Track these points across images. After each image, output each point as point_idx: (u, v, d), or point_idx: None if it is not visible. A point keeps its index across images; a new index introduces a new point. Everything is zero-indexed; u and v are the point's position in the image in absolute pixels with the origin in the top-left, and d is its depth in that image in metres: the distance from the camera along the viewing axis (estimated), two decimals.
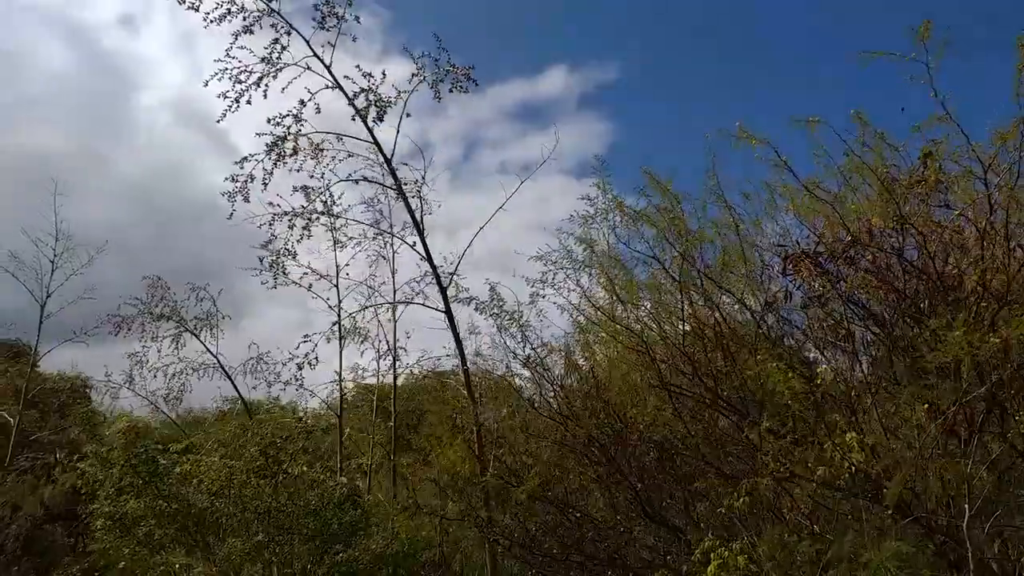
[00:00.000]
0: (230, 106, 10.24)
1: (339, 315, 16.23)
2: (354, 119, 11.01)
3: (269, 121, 10.50)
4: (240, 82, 10.33)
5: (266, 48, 10.23)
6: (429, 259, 12.66)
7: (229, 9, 9.76)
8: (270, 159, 10.51)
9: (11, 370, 33.68)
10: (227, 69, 10.29)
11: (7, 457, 20.15)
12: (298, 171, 11.55)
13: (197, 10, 9.59)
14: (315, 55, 10.76)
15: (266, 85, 10.46)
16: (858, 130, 8.55)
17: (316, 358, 13.46)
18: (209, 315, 19.04)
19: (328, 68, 10.87)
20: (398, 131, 11.72)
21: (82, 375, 34.63)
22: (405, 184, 12.08)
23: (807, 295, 11.43)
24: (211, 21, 9.80)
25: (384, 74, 11.03)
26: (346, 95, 11.02)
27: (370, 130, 11.36)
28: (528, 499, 12.46)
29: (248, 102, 10.34)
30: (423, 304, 13.77)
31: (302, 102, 10.62)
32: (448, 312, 12.66)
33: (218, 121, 10.27)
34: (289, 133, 10.59)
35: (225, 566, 11.90)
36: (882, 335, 11.05)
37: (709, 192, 10.52)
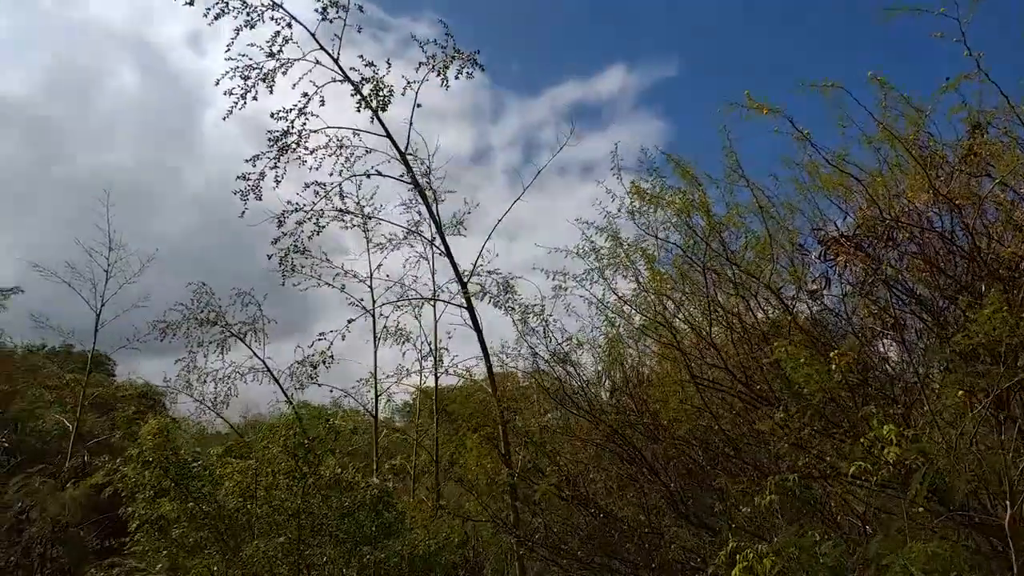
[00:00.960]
0: (236, 102, 10.22)
1: (374, 316, 16.12)
2: (360, 110, 10.86)
3: (273, 116, 10.46)
4: (246, 78, 10.30)
5: (267, 42, 10.17)
6: (448, 253, 12.44)
7: (227, 4, 9.68)
8: (275, 155, 10.45)
9: (83, 379, 35.13)
10: (238, 68, 10.27)
11: (67, 461, 20.79)
12: (317, 168, 11.47)
13: (192, 3, 9.55)
14: (321, 47, 10.66)
15: (272, 81, 10.41)
16: (880, 96, 7.84)
17: (331, 356, 13.30)
18: (255, 319, 19.16)
19: (336, 60, 10.77)
20: (411, 123, 11.55)
21: (149, 383, 35.67)
22: (421, 177, 11.89)
23: (848, 281, 10.76)
24: (213, 18, 9.76)
25: (389, 63, 10.89)
26: (356, 87, 10.86)
27: (382, 122, 11.22)
28: (559, 499, 12.08)
29: (255, 98, 10.31)
30: (447, 301, 13.54)
31: (305, 95, 10.54)
32: (470, 308, 12.41)
33: (224, 119, 10.28)
34: (292, 127, 10.52)
35: (249, 569, 11.83)
36: (931, 322, 10.29)
37: (731, 172, 9.94)
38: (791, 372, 7.55)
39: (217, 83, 10.19)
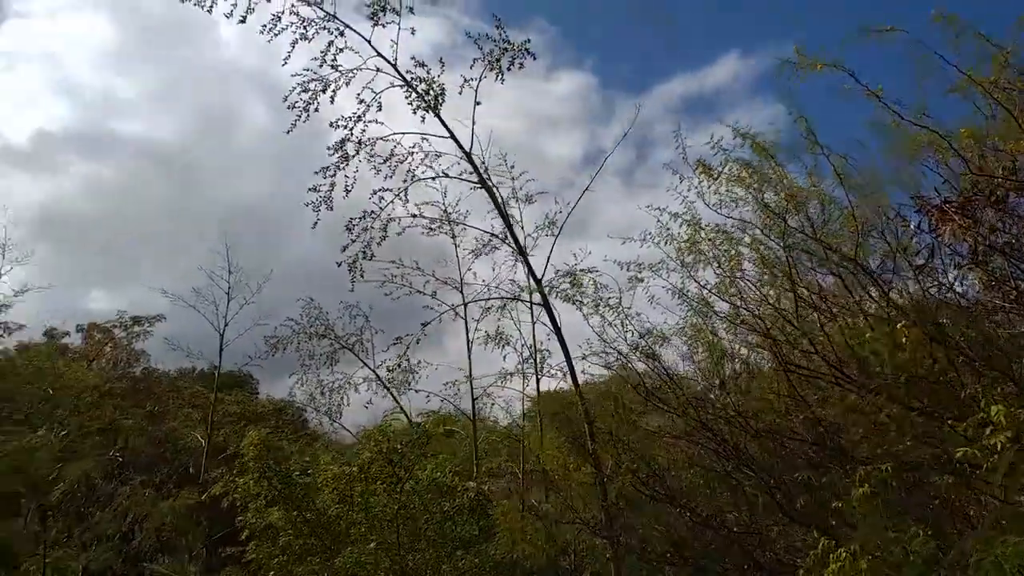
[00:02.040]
0: (299, 116, 10.44)
1: (466, 320, 16.14)
2: (415, 111, 10.85)
3: (331, 125, 10.61)
4: (307, 90, 10.51)
5: (322, 52, 10.34)
6: (521, 251, 12.22)
7: (278, 19, 9.90)
8: (335, 164, 10.61)
9: (227, 397, 37.32)
10: (304, 83, 10.49)
11: (200, 474, 22.04)
12: (391, 176, 11.56)
13: (244, 21, 9.82)
14: (379, 54, 10.74)
15: (334, 92, 10.58)
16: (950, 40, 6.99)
17: (407, 360, 13.40)
18: (361, 331, 19.63)
19: (394, 65, 10.81)
20: (473, 122, 11.44)
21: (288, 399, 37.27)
22: (488, 176, 11.76)
23: (957, 252, 9.77)
24: (272, 34, 9.99)
25: (442, 62, 10.83)
26: (416, 91, 10.87)
27: (443, 123, 11.19)
28: (649, 499, 11.59)
29: (316, 110, 10.51)
30: (525, 300, 13.31)
31: (362, 102, 10.62)
32: (546, 305, 12.14)
33: (287, 132, 10.51)
34: (352, 135, 10.63)
35: (346, 573, 12.02)
36: None
37: (809, 142, 9.18)
38: (857, 348, 6.83)
39: (284, 100, 10.50)
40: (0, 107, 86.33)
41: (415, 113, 10.77)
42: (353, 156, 10.68)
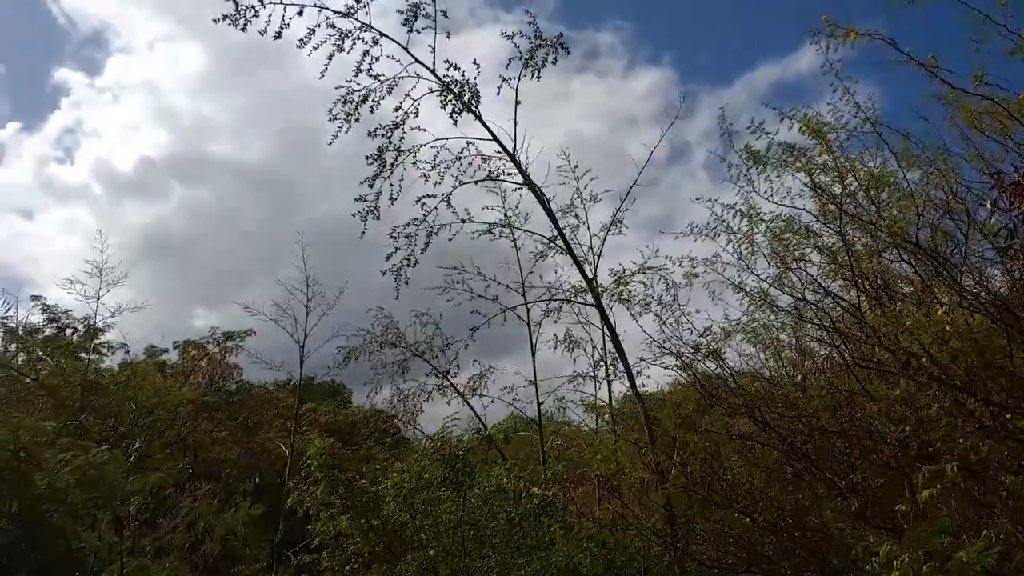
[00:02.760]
0: (340, 127, 10.52)
1: (529, 324, 15.98)
2: (452, 116, 10.74)
3: (370, 135, 10.61)
4: (349, 102, 10.57)
5: (357, 62, 10.36)
6: (570, 251, 11.97)
7: (312, 32, 10.00)
8: (375, 173, 10.61)
9: (319, 407, 38.33)
10: (347, 93, 10.56)
11: (285, 483, 22.62)
12: (439, 183, 11.51)
13: (280, 36, 9.90)
14: (417, 60, 10.70)
15: (375, 101, 10.61)
16: None
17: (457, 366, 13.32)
18: (432, 338, 19.73)
19: (432, 71, 10.75)
20: (515, 122, 11.26)
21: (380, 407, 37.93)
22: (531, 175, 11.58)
23: None
24: (311, 47, 10.09)
25: (477, 63, 10.70)
26: (458, 97, 10.76)
27: (485, 124, 11.08)
28: (712, 504, 11.13)
29: (356, 119, 10.55)
30: (578, 301, 13.05)
31: (398, 109, 10.58)
32: (599, 306, 11.84)
33: (329, 144, 10.60)
34: (390, 144, 10.61)
35: None
36: None
37: (866, 120, 8.60)
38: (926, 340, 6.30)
39: (330, 112, 10.60)
40: (108, 138, 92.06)
41: (451, 117, 10.70)
42: (394, 165, 10.69)
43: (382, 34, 10.45)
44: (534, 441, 18.03)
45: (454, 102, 10.68)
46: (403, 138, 10.71)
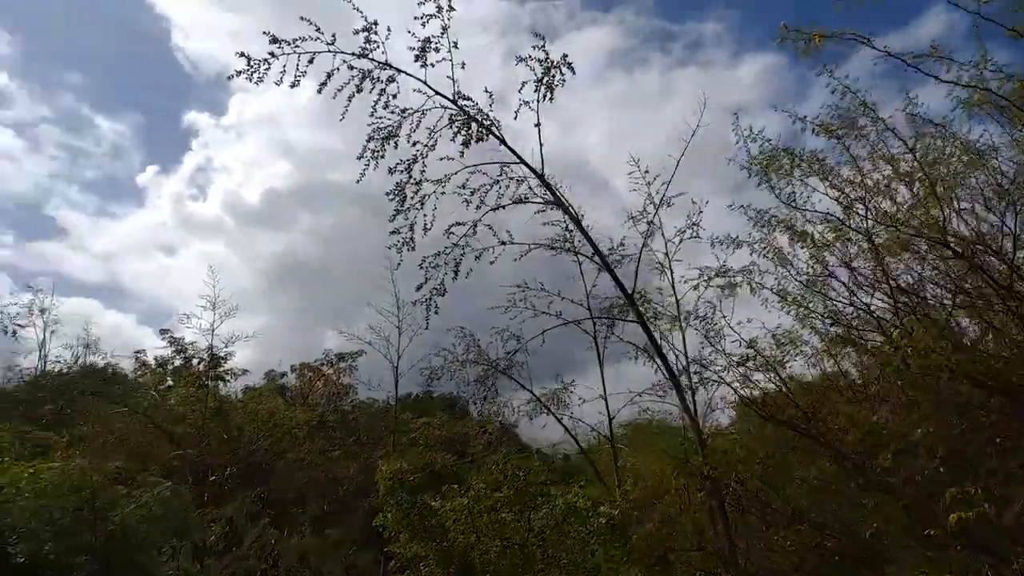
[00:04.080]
0: (368, 164, 10.68)
1: (596, 339, 15.73)
2: (464, 144, 10.66)
3: (391, 172, 10.68)
4: (373, 138, 10.72)
5: (373, 102, 10.47)
6: (607, 267, 11.65)
7: (329, 78, 10.16)
8: (396, 208, 10.70)
9: (433, 421, 39.26)
10: (374, 132, 10.71)
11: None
12: (477, 207, 11.51)
13: (297, 84, 10.13)
14: (437, 93, 10.70)
15: (396, 137, 10.71)
16: None
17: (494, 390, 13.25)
18: (513, 354, 19.86)
19: (454, 102, 10.73)
20: (540, 143, 11.11)
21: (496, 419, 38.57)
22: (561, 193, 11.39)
23: None
24: (333, 91, 10.31)
25: (489, 93, 10.60)
26: (484, 126, 10.70)
27: (510, 148, 10.96)
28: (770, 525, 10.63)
29: (382, 156, 10.68)
30: (621, 319, 12.74)
31: (414, 144, 10.57)
32: (642, 323, 11.48)
33: (357, 182, 10.79)
34: (411, 179, 10.66)
35: None
36: None
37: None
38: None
39: (360, 157, 10.76)
40: (235, 173, 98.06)
41: (464, 145, 10.60)
42: (425, 199, 10.73)
43: (398, 70, 10.57)
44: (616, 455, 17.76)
45: (467, 131, 10.66)
46: (424, 171, 10.80)
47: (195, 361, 33.41)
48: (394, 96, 10.59)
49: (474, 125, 10.83)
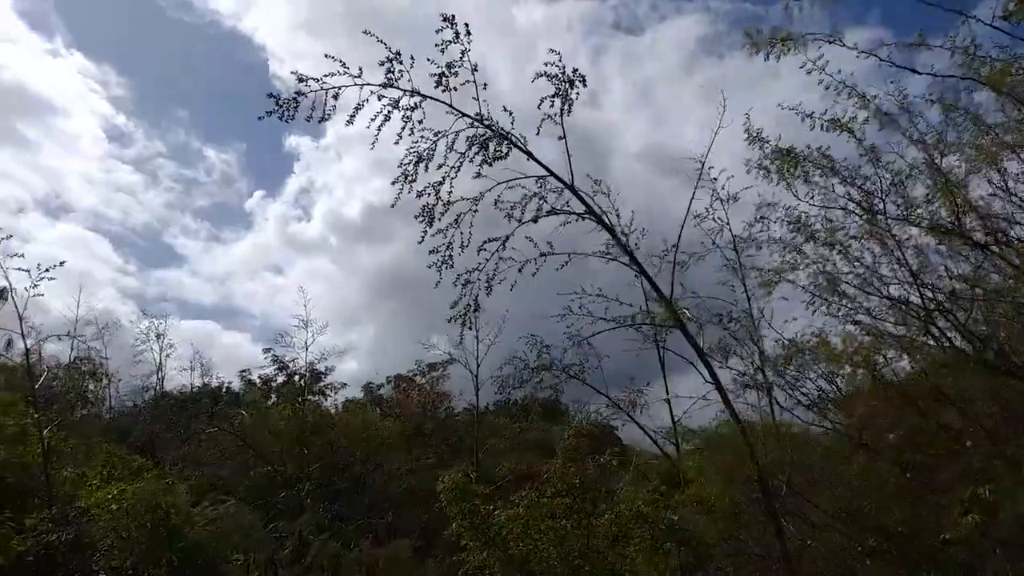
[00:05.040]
0: (401, 188, 10.97)
1: (658, 344, 15.56)
2: (489, 162, 10.79)
3: (419, 195, 10.92)
4: (403, 164, 11.01)
5: (400, 129, 10.73)
6: (642, 271, 11.49)
7: (357, 112, 10.49)
8: (424, 227, 10.93)
9: (530, 427, 39.54)
10: (403, 160, 11.04)
11: None
12: (520, 221, 11.65)
13: (310, 119, 10.53)
14: (463, 115, 10.89)
15: (428, 159, 10.95)
16: None
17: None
18: (584, 359, 19.99)
19: (483, 122, 10.90)
20: (568, 154, 11.11)
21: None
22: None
23: None
24: (368, 120, 10.67)
25: (509, 112, 10.71)
26: (518, 146, 10.86)
27: (537, 161, 11.01)
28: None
29: (413, 180, 10.94)
30: (654, 324, 12.54)
31: (440, 166, 10.77)
32: (682, 328, 11.32)
33: (391, 206, 11.13)
34: (438, 199, 10.86)
35: None
36: None
37: None
38: None
39: (393, 183, 11.12)
40: (336, 191, 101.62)
41: (488, 164, 10.76)
42: (448, 217, 10.97)
43: (424, 96, 10.83)
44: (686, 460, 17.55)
45: (496, 146, 10.83)
46: (451, 192, 11.02)
47: (296, 378, 35.07)
48: (420, 122, 10.89)
49: (494, 142, 11.03)
